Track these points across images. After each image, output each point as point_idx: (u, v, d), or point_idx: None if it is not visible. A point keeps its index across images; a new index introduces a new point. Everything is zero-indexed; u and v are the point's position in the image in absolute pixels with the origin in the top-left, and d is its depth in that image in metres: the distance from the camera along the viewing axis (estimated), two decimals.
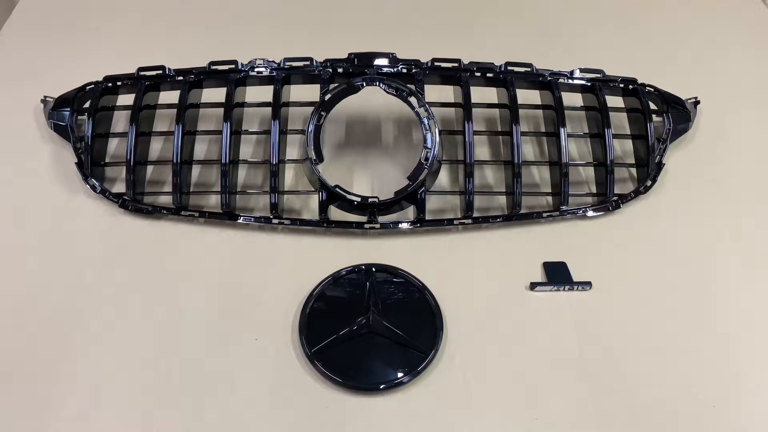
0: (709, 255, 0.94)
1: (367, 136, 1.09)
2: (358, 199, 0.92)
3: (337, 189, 0.92)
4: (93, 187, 0.97)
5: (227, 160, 0.93)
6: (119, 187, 0.99)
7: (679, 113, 1.05)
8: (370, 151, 1.06)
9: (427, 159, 0.92)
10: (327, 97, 0.94)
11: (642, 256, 0.94)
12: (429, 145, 0.92)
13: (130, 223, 0.96)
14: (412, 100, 0.94)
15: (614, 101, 1.02)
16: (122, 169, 0.97)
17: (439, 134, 0.93)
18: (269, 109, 0.96)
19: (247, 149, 1.05)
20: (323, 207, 0.93)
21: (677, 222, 0.98)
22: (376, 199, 0.93)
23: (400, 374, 0.80)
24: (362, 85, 0.94)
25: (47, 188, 1.00)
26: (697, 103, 1.10)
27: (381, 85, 0.94)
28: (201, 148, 1.04)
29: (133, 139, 0.95)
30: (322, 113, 0.93)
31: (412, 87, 0.95)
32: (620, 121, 1.05)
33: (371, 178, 1.02)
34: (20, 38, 1.26)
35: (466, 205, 0.94)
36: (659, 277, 0.91)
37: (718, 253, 0.94)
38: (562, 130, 0.96)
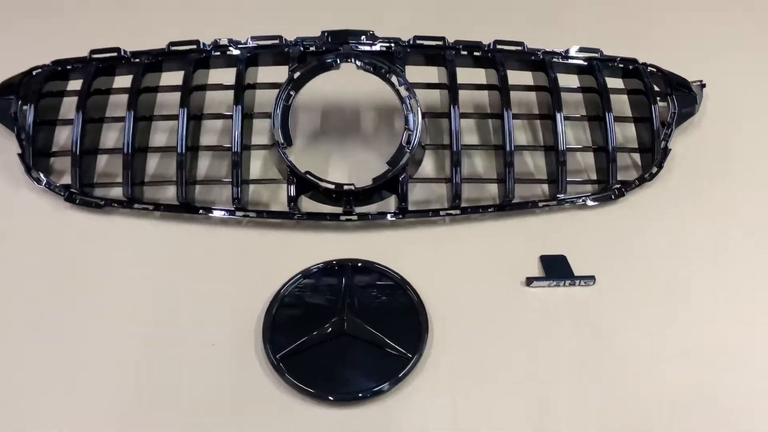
0: (719, 245, 0.89)
1: (344, 124, 1.01)
2: (332, 187, 0.85)
3: (308, 176, 0.84)
4: (37, 180, 0.90)
5: (183, 148, 0.86)
6: (68, 180, 0.91)
7: (684, 96, 0.98)
8: (347, 140, 0.99)
9: (408, 142, 0.85)
10: (296, 75, 0.86)
11: (648, 248, 0.89)
12: (411, 127, 0.85)
13: (77, 218, 0.89)
14: (392, 78, 0.86)
15: (613, 83, 0.95)
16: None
17: (423, 116, 0.86)
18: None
19: (211, 138, 0.97)
20: (293, 197, 0.86)
21: (685, 211, 0.92)
22: (352, 187, 0.85)
23: (379, 382, 0.73)
24: (335, 61, 0.87)
25: None
26: (703, 86, 1.03)
27: (356, 61, 0.87)
28: (161, 138, 0.96)
29: (79, 126, 0.87)
30: (291, 93, 0.86)
31: (392, 65, 0.88)
32: (619, 105, 0.97)
33: (348, 167, 0.95)
34: None
35: (454, 195, 0.88)
36: (667, 269, 0.86)
37: (729, 243, 0.90)
38: (558, 113, 0.89)
